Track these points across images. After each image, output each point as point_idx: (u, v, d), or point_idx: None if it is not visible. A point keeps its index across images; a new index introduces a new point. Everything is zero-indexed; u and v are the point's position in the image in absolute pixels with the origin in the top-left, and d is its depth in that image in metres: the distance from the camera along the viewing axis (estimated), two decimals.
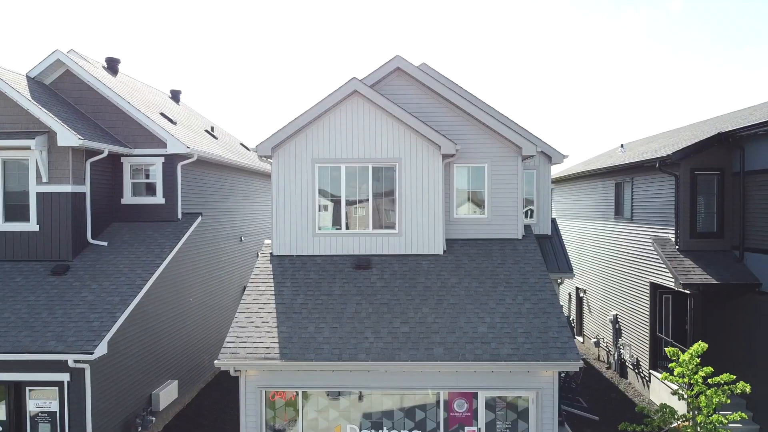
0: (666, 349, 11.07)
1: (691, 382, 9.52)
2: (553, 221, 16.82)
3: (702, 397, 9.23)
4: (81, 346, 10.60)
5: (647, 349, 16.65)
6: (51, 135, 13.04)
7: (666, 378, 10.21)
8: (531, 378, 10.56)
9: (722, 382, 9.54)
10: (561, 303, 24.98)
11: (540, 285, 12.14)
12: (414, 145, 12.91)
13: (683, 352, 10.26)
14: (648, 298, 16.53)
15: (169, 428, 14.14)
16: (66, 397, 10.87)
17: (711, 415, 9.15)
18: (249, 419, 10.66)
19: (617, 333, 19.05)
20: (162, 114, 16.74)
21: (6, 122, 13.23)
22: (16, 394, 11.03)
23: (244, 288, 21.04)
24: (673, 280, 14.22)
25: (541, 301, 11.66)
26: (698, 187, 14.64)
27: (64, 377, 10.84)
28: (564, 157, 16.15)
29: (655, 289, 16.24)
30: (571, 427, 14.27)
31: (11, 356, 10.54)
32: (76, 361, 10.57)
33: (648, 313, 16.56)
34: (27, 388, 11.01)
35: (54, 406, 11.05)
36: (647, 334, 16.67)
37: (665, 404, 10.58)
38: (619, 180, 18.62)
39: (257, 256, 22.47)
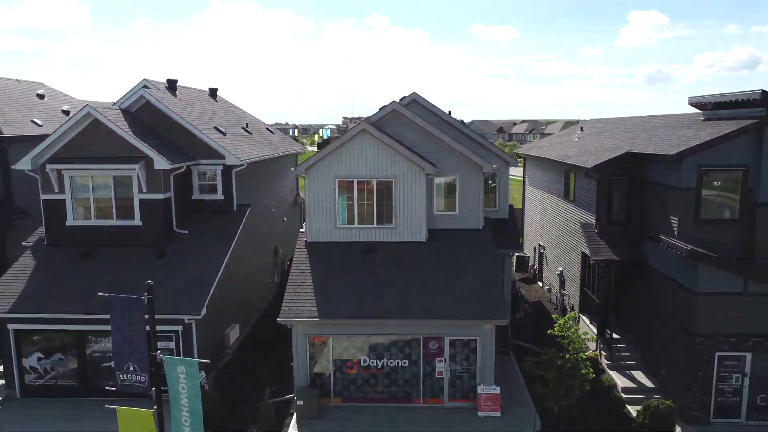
0: (553, 316, 17.20)
1: (567, 335, 15.42)
2: (510, 207, 22.35)
3: (571, 345, 15.19)
4: (191, 309, 16.58)
5: (578, 299, 22.73)
6: (148, 160, 18.42)
7: (551, 332, 16.20)
8: (478, 329, 16.57)
9: (582, 336, 15.48)
10: (528, 253, 30.99)
11: (490, 265, 17.91)
12: (405, 167, 18.26)
13: (562, 317, 16.28)
14: (579, 263, 22.40)
15: (237, 356, 20.48)
16: (180, 340, 17.00)
17: (578, 353, 15.17)
18: (299, 354, 16.81)
19: (562, 284, 25.08)
20: (216, 128, 21.94)
21: (115, 150, 18.56)
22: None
23: (276, 248, 26.97)
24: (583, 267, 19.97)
25: (489, 278, 17.46)
26: (613, 188, 20.06)
27: (179, 328, 16.94)
28: (518, 162, 21.43)
29: (585, 257, 22.05)
30: (516, 356, 20.53)
31: (177, 317, 16.45)
32: (188, 320, 16.60)
33: (579, 274, 22.50)
34: None
35: (171, 346, 17.20)
36: (578, 288, 22.69)
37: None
38: (567, 169, 23.95)
39: (284, 220, 28.29)
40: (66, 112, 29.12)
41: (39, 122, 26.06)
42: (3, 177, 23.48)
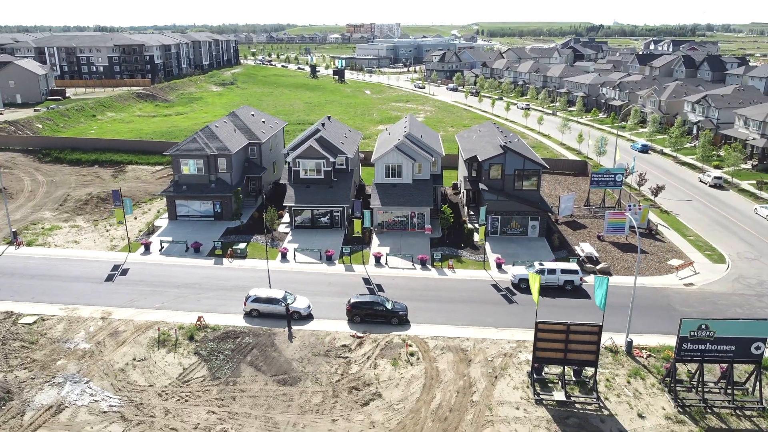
0: (444, 207, 59.91)
1: (444, 210, 57.49)
2: (442, 169, 64.36)
3: (445, 213, 57.43)
4: (348, 201, 59.09)
5: (465, 203, 65.32)
6: (326, 158, 60.12)
7: (445, 208, 58.51)
8: (424, 208, 59.20)
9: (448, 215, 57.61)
10: (458, 182, 74.02)
11: (430, 191, 60.21)
12: (405, 161, 59.98)
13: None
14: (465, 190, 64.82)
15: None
16: (344, 211, 59.83)
17: (447, 214, 57.33)
18: (375, 215, 59.69)
19: (463, 196, 67.53)
20: (341, 142, 63.45)
21: (315, 155, 60.20)
22: (331, 214, 59.83)
23: (355, 180, 69.63)
24: (465, 190, 62.19)
25: (428, 194, 59.75)
26: (472, 165, 61.96)
27: (346, 205, 59.57)
28: (443, 154, 63.21)
29: (468, 189, 64.33)
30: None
31: (330, 206, 58.95)
32: (337, 209, 59.27)
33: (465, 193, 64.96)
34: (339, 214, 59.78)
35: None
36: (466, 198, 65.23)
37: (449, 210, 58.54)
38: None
39: (356, 168, 70.75)
40: (263, 121, 70.54)
41: (264, 131, 67.72)
42: (259, 155, 65.76)
